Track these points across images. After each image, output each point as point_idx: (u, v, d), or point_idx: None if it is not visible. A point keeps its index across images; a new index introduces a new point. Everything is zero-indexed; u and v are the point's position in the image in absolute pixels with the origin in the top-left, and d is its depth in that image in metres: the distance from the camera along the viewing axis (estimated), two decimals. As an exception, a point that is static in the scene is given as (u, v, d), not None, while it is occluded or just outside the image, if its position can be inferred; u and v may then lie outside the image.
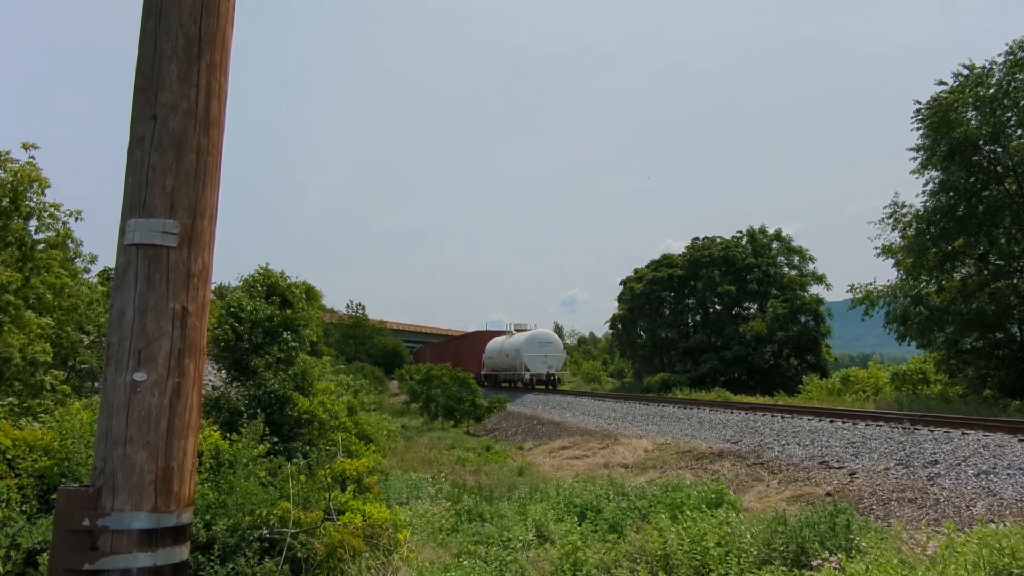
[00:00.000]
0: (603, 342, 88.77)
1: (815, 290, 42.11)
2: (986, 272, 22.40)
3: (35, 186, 9.50)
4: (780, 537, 5.85)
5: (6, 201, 9.15)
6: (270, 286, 11.55)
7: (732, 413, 19.62)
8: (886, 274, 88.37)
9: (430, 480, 10.48)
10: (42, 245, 9.87)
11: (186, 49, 2.41)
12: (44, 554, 4.23)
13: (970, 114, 21.23)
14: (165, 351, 2.27)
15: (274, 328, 10.82)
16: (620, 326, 49.33)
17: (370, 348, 62.74)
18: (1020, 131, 20.61)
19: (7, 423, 6.00)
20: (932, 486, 9.79)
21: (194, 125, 2.41)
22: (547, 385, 40.50)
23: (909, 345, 24.83)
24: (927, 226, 22.28)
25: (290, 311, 11.25)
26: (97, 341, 11.24)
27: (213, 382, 12.66)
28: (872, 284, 25.48)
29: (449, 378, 28.15)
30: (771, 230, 44.98)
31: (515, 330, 45.58)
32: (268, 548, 4.84)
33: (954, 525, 5.31)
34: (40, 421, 6.80)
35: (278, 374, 10.38)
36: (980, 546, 4.46)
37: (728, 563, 5.39)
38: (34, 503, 4.85)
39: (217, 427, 7.32)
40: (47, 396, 8.66)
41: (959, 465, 10.42)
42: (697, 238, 47.13)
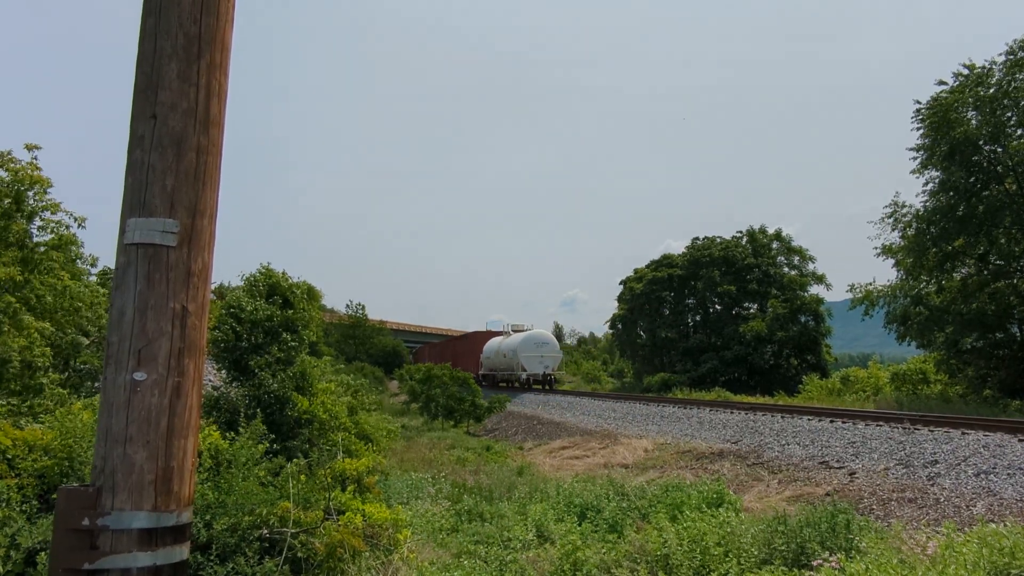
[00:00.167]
0: (603, 342, 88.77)
1: (815, 290, 42.23)
2: (986, 272, 22.39)
3: (36, 188, 9.50)
4: (780, 537, 5.85)
5: (8, 201, 9.15)
6: (271, 286, 11.54)
7: (732, 413, 19.61)
8: (886, 274, 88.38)
9: (430, 480, 10.47)
10: (43, 248, 9.86)
11: (186, 48, 2.42)
12: (44, 554, 4.23)
13: (970, 114, 21.24)
14: (165, 351, 2.27)
15: (274, 328, 10.81)
16: (620, 326, 49.38)
17: (370, 348, 62.77)
18: (1020, 131, 20.62)
19: (7, 423, 6.00)
20: (932, 486, 9.79)
21: (194, 124, 2.41)
22: (543, 385, 40.91)
23: (909, 345, 24.84)
24: (927, 226, 22.29)
25: (291, 311, 11.24)
26: (97, 341, 11.23)
27: (213, 382, 12.66)
28: (872, 284, 25.51)
29: (449, 378, 28.16)
30: (771, 230, 45.14)
31: (512, 331, 45.72)
32: (268, 548, 4.84)
33: (954, 525, 5.31)
34: (40, 421, 6.79)
35: (277, 374, 10.37)
36: (980, 546, 4.46)
37: (728, 563, 5.39)
38: (34, 503, 4.84)
39: (217, 427, 7.31)
40: (47, 396, 8.65)
41: (959, 465, 10.42)
42: (697, 238, 47.26)
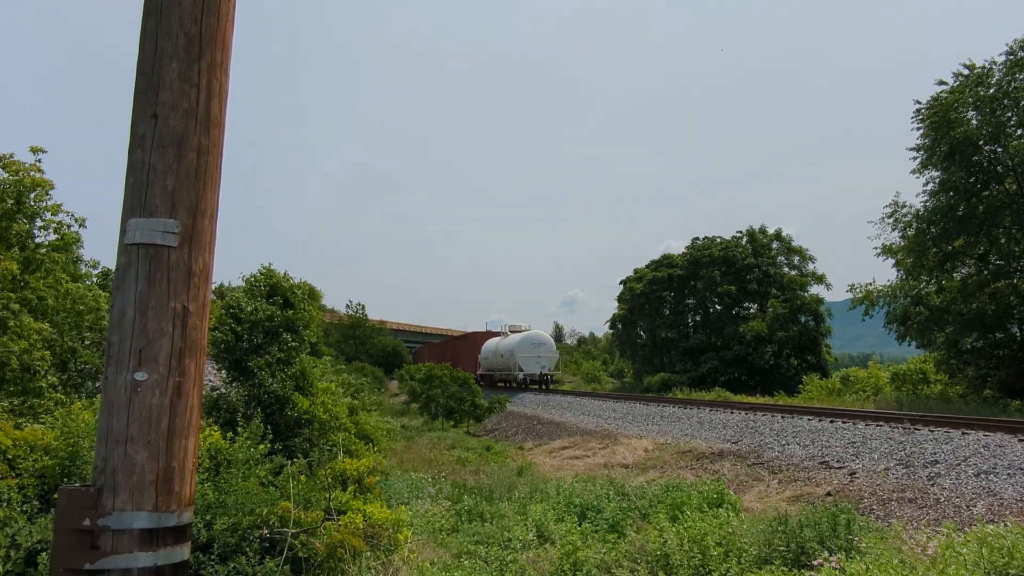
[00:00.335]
0: (603, 342, 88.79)
1: (815, 290, 42.19)
2: (986, 272, 22.39)
3: (38, 190, 9.51)
4: (780, 537, 5.85)
5: (10, 202, 9.15)
6: (272, 286, 11.54)
7: (732, 413, 19.61)
8: (886, 274, 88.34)
9: (430, 480, 10.47)
10: (44, 249, 9.86)
11: (187, 48, 2.42)
12: (44, 554, 4.23)
13: (970, 114, 21.23)
14: (166, 351, 2.27)
15: (274, 328, 10.81)
16: (620, 326, 49.37)
17: (370, 348, 62.79)
18: (1020, 131, 20.60)
19: (7, 423, 6.00)
20: (932, 486, 9.79)
21: (195, 124, 2.41)
22: (540, 384, 41.38)
23: (909, 345, 24.83)
24: (927, 226, 22.28)
25: (291, 312, 11.24)
26: (98, 341, 11.22)
27: (213, 382, 12.65)
28: (872, 284, 25.49)
29: (449, 378, 28.19)
30: (771, 230, 45.08)
31: (510, 331, 45.97)
32: (268, 548, 4.85)
33: (954, 525, 5.31)
34: (41, 421, 6.79)
35: (277, 374, 10.37)
36: (980, 546, 4.47)
37: (728, 563, 5.39)
38: (35, 503, 4.84)
39: (217, 427, 7.31)
40: (47, 396, 8.64)
41: (959, 465, 10.42)
42: (697, 238, 47.23)
